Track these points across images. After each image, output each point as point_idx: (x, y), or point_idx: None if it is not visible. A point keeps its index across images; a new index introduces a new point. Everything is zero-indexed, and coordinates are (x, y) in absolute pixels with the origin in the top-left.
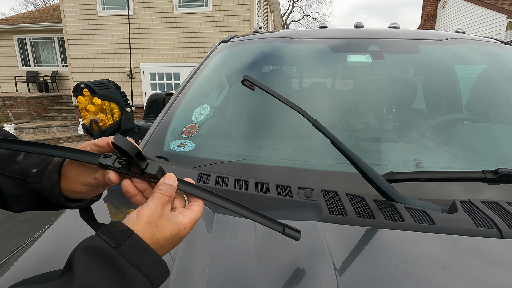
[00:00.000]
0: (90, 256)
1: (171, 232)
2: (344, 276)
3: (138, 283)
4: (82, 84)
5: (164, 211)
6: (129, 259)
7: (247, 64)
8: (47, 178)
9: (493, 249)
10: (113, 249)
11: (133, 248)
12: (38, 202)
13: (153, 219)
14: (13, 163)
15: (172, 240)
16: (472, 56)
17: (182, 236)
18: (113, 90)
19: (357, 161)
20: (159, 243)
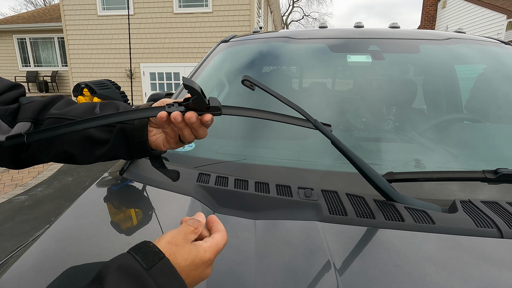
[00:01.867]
0: (122, 274)
1: (189, 252)
2: (344, 276)
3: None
4: (82, 84)
5: (186, 237)
6: (157, 282)
7: (247, 64)
8: (139, 120)
9: (493, 249)
10: (144, 270)
11: (162, 272)
12: (123, 145)
13: (173, 239)
14: (93, 115)
15: (191, 262)
16: (472, 56)
17: (203, 260)
18: (113, 90)
19: (357, 161)
20: (177, 263)
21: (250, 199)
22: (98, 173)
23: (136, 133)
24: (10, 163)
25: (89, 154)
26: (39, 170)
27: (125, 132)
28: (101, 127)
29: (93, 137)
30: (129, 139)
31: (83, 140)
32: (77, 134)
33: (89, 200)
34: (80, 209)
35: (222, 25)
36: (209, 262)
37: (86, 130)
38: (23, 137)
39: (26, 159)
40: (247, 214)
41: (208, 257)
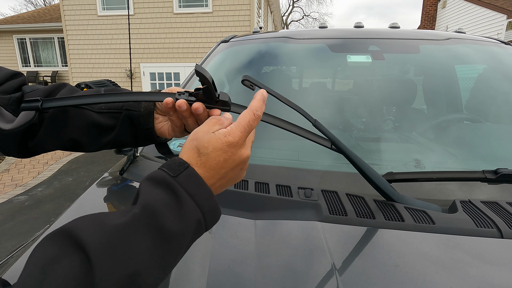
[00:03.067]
0: (151, 182)
1: (209, 141)
2: (344, 276)
3: (192, 211)
4: (82, 84)
5: (209, 129)
6: (185, 188)
7: (247, 64)
8: (145, 106)
9: (493, 249)
10: (171, 177)
11: (189, 179)
12: (129, 132)
13: (194, 135)
14: None
15: (214, 149)
16: (472, 56)
17: (226, 143)
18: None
19: (357, 161)
20: (202, 153)
21: (250, 199)
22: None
23: (142, 120)
24: (16, 152)
25: (96, 141)
26: (39, 170)
27: (131, 118)
28: (107, 113)
29: (99, 124)
30: (135, 126)
31: (90, 127)
32: (83, 122)
33: (89, 200)
34: (80, 209)
35: (222, 25)
36: (236, 143)
37: (92, 117)
38: (39, 103)
39: (33, 148)
40: (247, 214)
41: (232, 138)
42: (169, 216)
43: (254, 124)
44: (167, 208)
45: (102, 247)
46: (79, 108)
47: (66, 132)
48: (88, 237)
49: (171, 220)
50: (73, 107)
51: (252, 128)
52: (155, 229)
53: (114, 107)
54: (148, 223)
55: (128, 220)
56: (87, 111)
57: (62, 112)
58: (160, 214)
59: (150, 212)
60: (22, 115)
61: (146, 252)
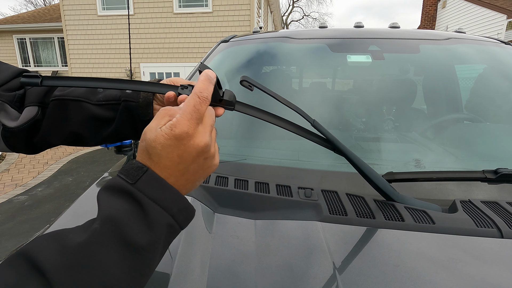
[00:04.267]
0: (110, 193)
1: (155, 138)
2: (344, 276)
3: (159, 215)
4: None
5: (157, 125)
6: (147, 194)
7: (247, 64)
8: (143, 97)
9: (493, 249)
10: (130, 185)
11: (149, 184)
12: (129, 123)
13: (143, 135)
14: (96, 93)
15: (162, 147)
16: (472, 56)
17: (174, 137)
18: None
19: (357, 161)
20: (152, 154)
21: (250, 199)
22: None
23: (141, 111)
24: (24, 148)
25: (97, 134)
26: (39, 170)
27: (130, 110)
28: (106, 105)
29: (98, 116)
30: (134, 117)
31: (89, 120)
32: (82, 114)
33: (89, 200)
34: (80, 209)
35: (222, 25)
36: (185, 134)
37: (91, 109)
38: (39, 79)
39: (38, 143)
40: (247, 214)
41: (179, 130)
42: (134, 226)
43: (201, 107)
44: (131, 218)
45: (64, 269)
46: (78, 101)
47: (67, 125)
48: (46, 260)
49: (138, 231)
50: (73, 86)
51: (201, 112)
52: (120, 241)
53: (112, 98)
54: (111, 236)
55: (89, 237)
56: (86, 104)
57: (61, 106)
58: (123, 225)
59: (112, 224)
60: (26, 111)
61: (113, 266)
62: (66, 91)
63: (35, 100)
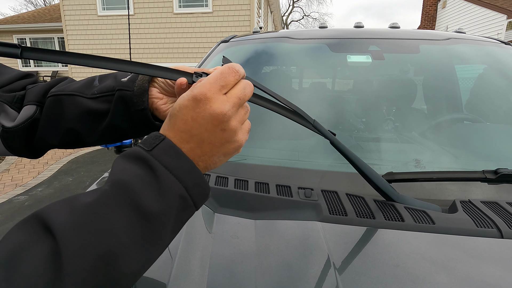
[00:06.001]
0: (125, 159)
1: (178, 100)
2: (344, 276)
3: (172, 185)
4: None
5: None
6: (162, 161)
7: (247, 64)
8: (138, 85)
9: (493, 249)
10: (146, 151)
11: (165, 152)
12: (124, 114)
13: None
14: (92, 87)
15: (180, 107)
16: (472, 56)
17: (192, 97)
18: None
19: (357, 161)
20: (171, 116)
21: (250, 199)
22: (98, 173)
23: (135, 100)
24: (25, 151)
25: (93, 129)
26: (39, 170)
27: (124, 99)
28: (100, 98)
29: (93, 110)
30: (129, 107)
31: (84, 114)
32: (77, 109)
33: None
34: None
35: (222, 25)
36: (203, 96)
37: (85, 103)
38: (18, 50)
39: (37, 144)
40: (247, 214)
41: (197, 91)
42: (145, 192)
43: (229, 77)
44: (142, 184)
45: (70, 228)
46: (72, 96)
47: (62, 122)
48: (56, 219)
49: (148, 197)
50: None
51: (227, 81)
52: (130, 206)
53: (106, 89)
54: (120, 199)
55: (97, 197)
56: (80, 98)
57: (56, 102)
58: (133, 190)
59: (122, 188)
60: (24, 110)
61: (121, 231)
62: (62, 87)
63: (34, 99)
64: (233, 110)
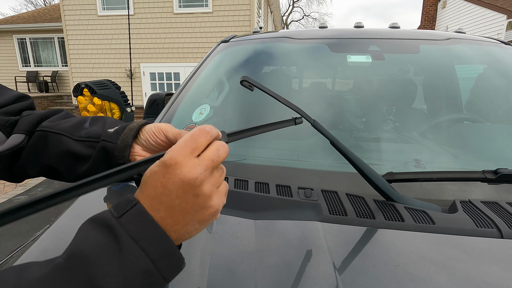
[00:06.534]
0: (92, 225)
1: (151, 169)
2: (344, 276)
3: (137, 259)
4: (82, 84)
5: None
6: (128, 230)
7: (247, 64)
8: (122, 139)
9: (493, 249)
10: (114, 218)
11: (133, 220)
12: (104, 164)
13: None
14: (81, 129)
15: (150, 173)
16: (472, 56)
17: (162, 163)
18: (113, 90)
19: (357, 161)
20: (142, 182)
21: (250, 199)
22: None
23: (117, 153)
24: (7, 175)
25: (72, 170)
26: None
27: (107, 150)
28: (85, 142)
29: (75, 152)
30: (110, 158)
31: (65, 155)
32: (60, 149)
33: (89, 200)
34: (80, 209)
35: (222, 25)
36: (173, 162)
37: (70, 145)
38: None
39: (17, 171)
40: (247, 214)
41: (168, 156)
42: (104, 266)
43: (200, 139)
44: (103, 256)
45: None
46: (59, 135)
47: (44, 158)
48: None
49: (107, 272)
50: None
51: (198, 143)
52: (84, 283)
53: (93, 135)
54: (74, 276)
55: (48, 272)
56: (66, 138)
57: (43, 137)
58: (91, 263)
59: (78, 261)
60: (12, 138)
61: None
62: (54, 123)
63: (24, 128)
64: (206, 174)
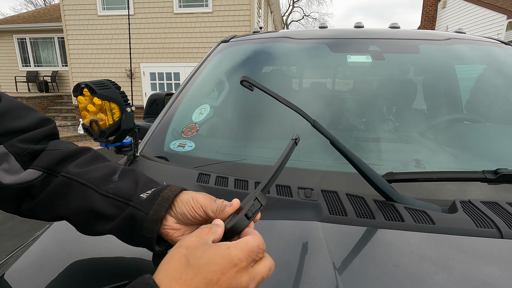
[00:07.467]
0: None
1: (205, 250)
2: (344, 276)
3: None
4: (82, 84)
5: (202, 238)
6: None
7: (247, 64)
8: (156, 210)
9: (493, 249)
10: None
11: None
12: (126, 231)
13: (183, 242)
14: (109, 182)
15: (209, 261)
16: (472, 56)
17: (226, 257)
18: (113, 90)
19: (356, 161)
20: (191, 265)
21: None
22: None
23: (145, 225)
24: (10, 209)
25: (89, 227)
26: None
27: (134, 219)
28: (112, 199)
29: (98, 210)
30: (136, 228)
31: (87, 210)
32: (82, 201)
33: None
34: None
35: (222, 25)
36: (239, 261)
37: (94, 200)
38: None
39: (25, 212)
40: None
41: (234, 254)
42: None
43: (260, 254)
44: None
45: None
46: (85, 186)
47: (60, 207)
48: None
49: None
50: None
51: (258, 257)
52: None
53: (121, 195)
54: None
55: None
56: (91, 191)
57: (66, 185)
58: None
59: None
60: (27, 173)
61: None
62: (80, 170)
63: (44, 165)
64: (253, 287)
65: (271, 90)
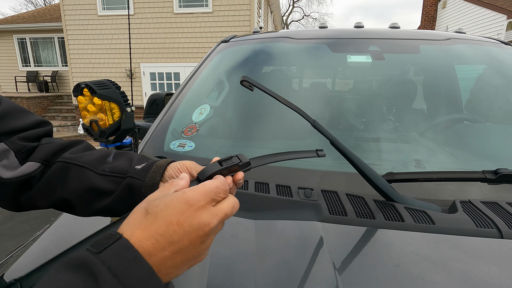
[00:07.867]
0: (61, 270)
1: (162, 198)
2: (344, 276)
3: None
4: (82, 84)
5: (162, 192)
6: (110, 266)
7: (247, 64)
8: (151, 177)
9: (493, 249)
10: (93, 254)
11: (117, 255)
12: (126, 200)
13: (146, 198)
14: (104, 163)
15: (165, 206)
16: (472, 56)
17: (184, 199)
18: (113, 90)
19: (357, 161)
20: (149, 213)
21: (250, 199)
22: None
23: (144, 191)
24: (9, 204)
25: (89, 206)
26: None
27: (132, 188)
28: (109, 177)
29: (97, 187)
30: (135, 196)
31: (86, 189)
32: (82, 183)
33: None
34: None
35: (222, 25)
36: (195, 201)
37: (92, 179)
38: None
39: (24, 203)
40: (247, 214)
41: (190, 196)
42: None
43: (221, 193)
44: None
45: None
46: (82, 168)
47: (61, 190)
48: None
49: None
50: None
51: (219, 197)
52: None
53: (118, 171)
54: None
55: None
56: (89, 172)
57: (64, 169)
58: None
59: None
60: (26, 166)
61: None
62: (76, 155)
63: (41, 157)
64: (217, 226)
65: (271, 90)
